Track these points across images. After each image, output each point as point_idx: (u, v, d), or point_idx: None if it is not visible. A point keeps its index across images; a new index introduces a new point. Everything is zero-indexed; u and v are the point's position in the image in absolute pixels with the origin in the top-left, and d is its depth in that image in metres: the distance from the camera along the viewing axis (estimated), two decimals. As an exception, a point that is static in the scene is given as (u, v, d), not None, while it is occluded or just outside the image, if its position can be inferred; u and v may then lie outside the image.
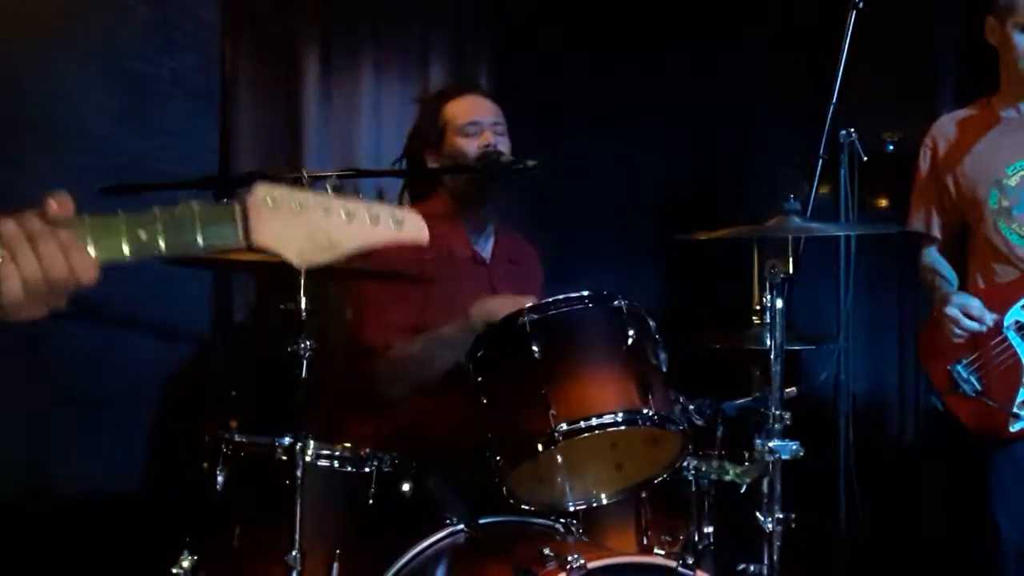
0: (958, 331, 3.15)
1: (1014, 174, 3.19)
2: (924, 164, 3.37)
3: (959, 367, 3.20)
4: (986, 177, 3.21)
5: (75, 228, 1.62)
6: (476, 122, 3.12)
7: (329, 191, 1.77)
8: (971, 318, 3.13)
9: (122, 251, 1.64)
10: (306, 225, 1.73)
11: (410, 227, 1.82)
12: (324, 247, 1.74)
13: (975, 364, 3.19)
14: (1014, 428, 3.13)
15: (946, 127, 3.35)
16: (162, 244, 1.65)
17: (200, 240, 1.66)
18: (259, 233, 1.70)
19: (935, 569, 3.73)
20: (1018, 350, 3.16)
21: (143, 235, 1.65)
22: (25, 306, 1.60)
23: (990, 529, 3.16)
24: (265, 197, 1.71)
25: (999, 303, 3.17)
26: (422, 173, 3.21)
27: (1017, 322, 3.16)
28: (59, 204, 1.63)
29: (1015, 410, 3.12)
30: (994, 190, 3.20)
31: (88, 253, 1.61)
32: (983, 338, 3.17)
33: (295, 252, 1.73)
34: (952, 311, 3.15)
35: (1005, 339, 3.16)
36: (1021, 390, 3.13)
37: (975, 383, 3.17)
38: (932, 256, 3.39)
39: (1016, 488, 3.16)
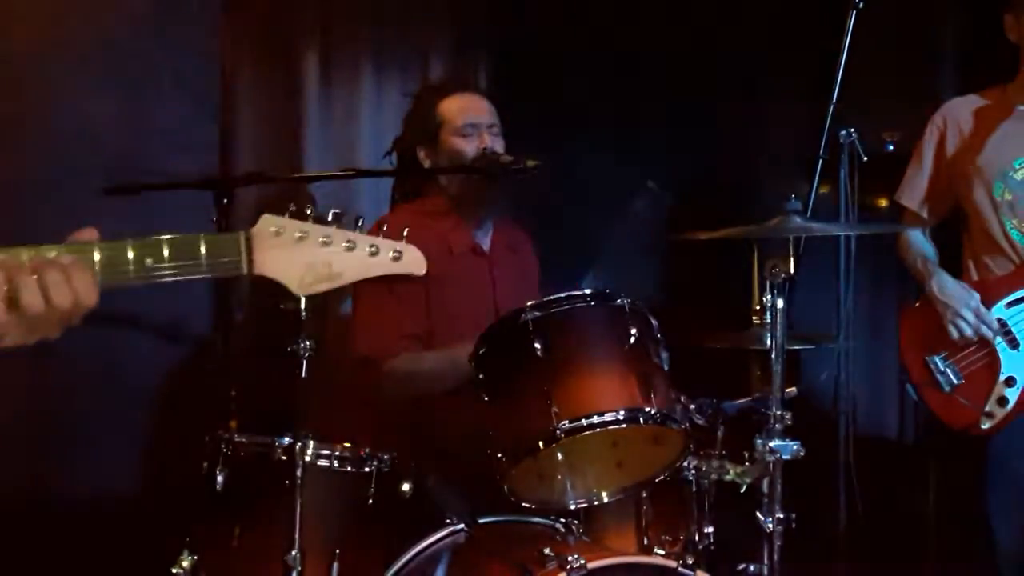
0: (969, 333, 3.15)
1: (1021, 167, 3.19)
2: (929, 145, 3.34)
3: (936, 359, 3.21)
4: (994, 168, 3.21)
5: (83, 254, 1.68)
6: (474, 124, 3.10)
7: (330, 222, 1.85)
8: (981, 320, 3.14)
9: (128, 277, 1.72)
10: (307, 255, 1.83)
11: (409, 261, 1.92)
12: (324, 277, 1.84)
13: (953, 358, 3.19)
14: (984, 426, 3.14)
15: (958, 113, 3.31)
16: (167, 271, 1.74)
17: (205, 270, 1.75)
18: (262, 263, 1.80)
19: (935, 569, 3.73)
20: (997, 348, 3.16)
21: (149, 262, 1.72)
22: (21, 332, 1.62)
23: (985, 531, 3.17)
24: (269, 228, 1.80)
25: (987, 298, 3.18)
26: (422, 174, 3.20)
27: (999, 320, 3.17)
28: (85, 233, 1.69)
29: (988, 409, 3.13)
30: (999, 182, 3.20)
31: (92, 278, 1.67)
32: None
33: (296, 282, 1.83)
34: (967, 313, 3.14)
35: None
36: (995, 388, 3.14)
37: (951, 377, 3.18)
38: (918, 236, 3.37)
39: (1008, 489, 3.17)
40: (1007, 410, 3.13)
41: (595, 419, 2.39)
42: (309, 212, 1.87)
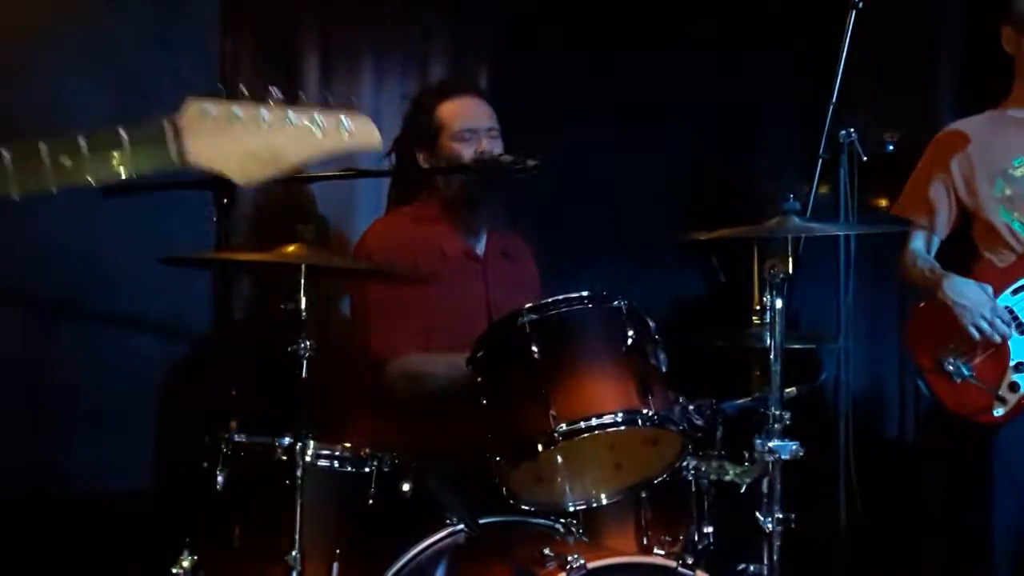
0: (990, 334, 3.15)
1: (1020, 166, 3.22)
2: (931, 157, 3.36)
3: (945, 351, 3.22)
4: (993, 168, 3.24)
5: None
6: (472, 128, 3.11)
7: (271, 101, 1.65)
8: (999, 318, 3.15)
9: (47, 180, 1.60)
10: (245, 139, 1.62)
11: (360, 133, 1.73)
12: (268, 161, 1.64)
13: (963, 353, 3.20)
14: (997, 412, 3.15)
15: (959, 127, 3.35)
16: (89, 170, 1.60)
17: (130, 164, 1.60)
18: (194, 152, 1.61)
19: (934, 569, 3.73)
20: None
21: (67, 161, 1.60)
22: None
23: (983, 529, 3.17)
24: (198, 112, 1.61)
25: (993, 288, 3.19)
26: (422, 174, 3.20)
27: (1007, 308, 3.18)
28: None
29: (1001, 393, 3.15)
30: (999, 179, 3.23)
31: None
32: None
33: (236, 169, 1.63)
34: (988, 315, 3.14)
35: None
36: (1006, 375, 3.15)
37: (963, 369, 3.20)
38: (919, 249, 3.38)
39: (1006, 489, 3.18)
40: (1019, 395, 3.14)
41: (593, 421, 2.39)
42: (246, 92, 1.65)
